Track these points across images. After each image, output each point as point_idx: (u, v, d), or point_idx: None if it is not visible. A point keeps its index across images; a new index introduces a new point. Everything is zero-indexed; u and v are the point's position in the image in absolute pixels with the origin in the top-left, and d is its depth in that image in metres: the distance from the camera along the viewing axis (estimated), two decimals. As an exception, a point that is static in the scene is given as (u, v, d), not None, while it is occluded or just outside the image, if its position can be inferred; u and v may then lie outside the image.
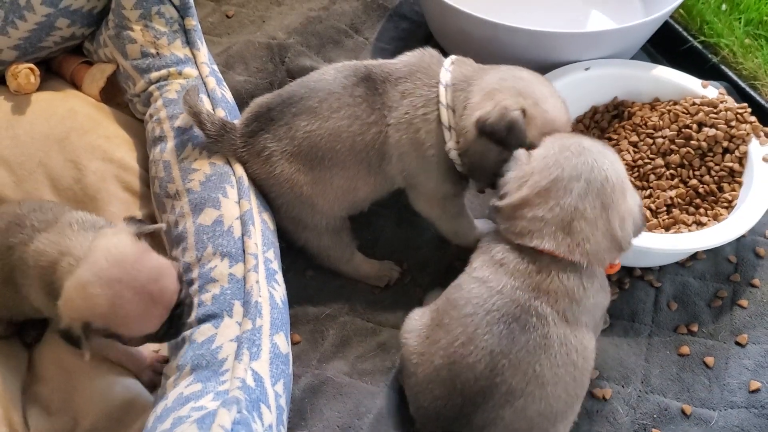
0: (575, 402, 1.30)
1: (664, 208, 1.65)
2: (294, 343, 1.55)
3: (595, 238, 1.26)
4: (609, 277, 1.66)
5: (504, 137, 1.41)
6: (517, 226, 1.29)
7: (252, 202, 1.45)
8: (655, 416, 1.45)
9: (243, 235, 1.39)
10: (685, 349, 1.54)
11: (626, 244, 1.29)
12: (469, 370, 1.24)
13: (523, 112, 1.41)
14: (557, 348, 1.24)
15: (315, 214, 1.57)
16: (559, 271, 1.26)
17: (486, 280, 1.30)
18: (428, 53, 1.56)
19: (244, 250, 1.36)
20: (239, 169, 1.50)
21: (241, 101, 1.91)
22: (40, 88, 1.79)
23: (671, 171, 1.68)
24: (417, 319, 1.40)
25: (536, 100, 1.43)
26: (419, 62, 1.53)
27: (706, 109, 1.72)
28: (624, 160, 1.70)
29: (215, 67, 1.75)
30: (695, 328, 1.58)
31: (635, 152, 1.72)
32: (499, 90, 1.43)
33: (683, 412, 1.45)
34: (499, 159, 1.41)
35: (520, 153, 1.36)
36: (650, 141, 1.72)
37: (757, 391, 1.47)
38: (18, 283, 1.30)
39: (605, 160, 1.29)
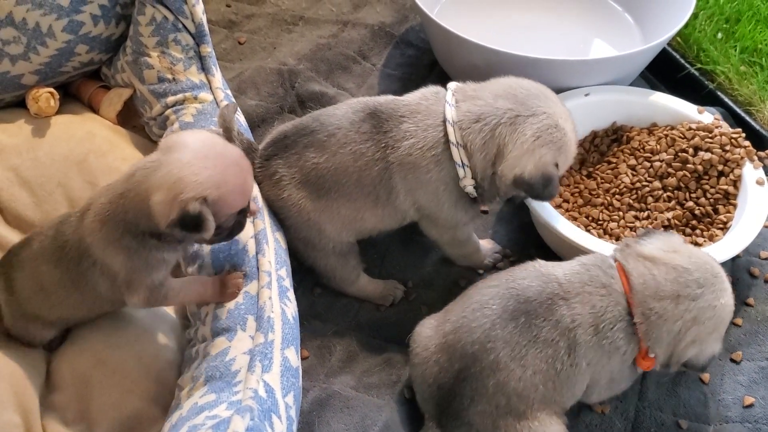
0: (549, 404, 1.35)
1: (662, 230, 1.70)
2: (302, 359, 1.59)
3: (667, 337, 1.31)
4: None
5: (540, 192, 1.48)
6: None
7: (266, 222, 1.50)
8: (652, 430, 1.49)
9: (257, 253, 1.44)
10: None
11: (674, 362, 1.35)
12: (469, 334, 1.33)
13: (557, 165, 1.47)
14: (548, 351, 1.31)
15: (322, 237, 1.61)
16: (609, 304, 1.32)
17: (541, 264, 1.41)
18: (429, 92, 1.57)
19: (258, 268, 1.42)
20: (254, 189, 1.55)
21: (253, 125, 1.98)
22: (59, 112, 1.85)
23: (668, 193, 1.73)
24: (433, 317, 1.49)
25: (566, 145, 1.48)
26: (419, 103, 1.54)
27: (702, 133, 1.77)
28: (623, 182, 1.76)
29: (229, 92, 1.81)
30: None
31: (633, 175, 1.78)
32: (540, 142, 1.44)
33: (679, 426, 1.49)
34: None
35: (677, 240, 1.42)
36: (648, 164, 1.77)
37: (751, 406, 1.51)
38: (88, 274, 1.32)
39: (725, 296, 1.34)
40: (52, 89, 1.83)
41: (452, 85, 1.56)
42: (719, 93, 2.08)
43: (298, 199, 1.55)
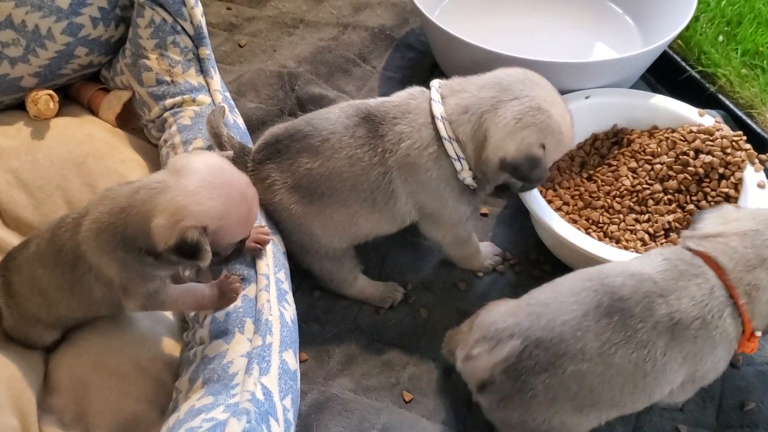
0: (612, 407, 1.33)
1: (662, 232, 1.69)
2: (301, 361, 1.59)
3: (765, 299, 1.31)
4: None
5: (527, 175, 1.48)
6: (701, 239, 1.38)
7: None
8: (652, 435, 1.49)
9: (254, 257, 1.44)
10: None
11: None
12: (558, 314, 1.30)
13: (543, 146, 1.46)
14: (642, 352, 1.28)
15: (314, 242, 1.60)
16: (709, 293, 1.30)
17: (637, 261, 1.39)
18: (416, 90, 1.58)
19: (256, 271, 1.41)
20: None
21: (253, 127, 1.98)
22: (58, 114, 1.86)
23: (669, 196, 1.73)
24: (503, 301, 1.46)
25: (551, 126, 1.47)
26: (408, 102, 1.54)
27: (703, 136, 1.77)
28: (623, 185, 1.76)
29: (228, 94, 1.81)
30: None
31: (634, 178, 1.77)
32: (521, 124, 1.44)
33: (678, 431, 1.49)
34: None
35: (729, 208, 1.44)
36: (649, 167, 1.77)
37: (750, 410, 1.51)
38: (83, 279, 1.33)
39: None
40: (51, 91, 1.83)
41: (435, 82, 1.56)
42: (720, 96, 2.08)
43: (290, 203, 1.54)
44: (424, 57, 2.32)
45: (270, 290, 1.38)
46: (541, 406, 1.30)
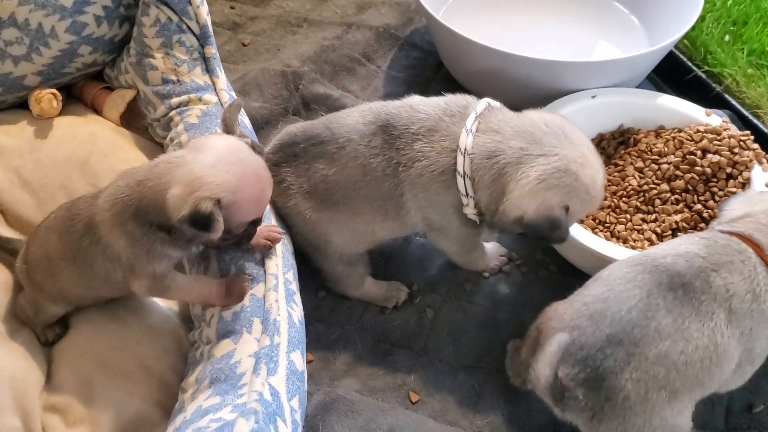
0: (697, 387, 1.30)
1: (670, 232, 1.68)
2: (307, 362, 1.58)
3: None
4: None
5: (546, 235, 1.42)
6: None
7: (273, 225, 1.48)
8: (661, 436, 1.47)
9: (264, 256, 1.43)
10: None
11: None
12: (622, 301, 1.28)
13: (567, 208, 1.40)
14: (709, 324, 1.27)
15: (329, 247, 1.60)
16: (752, 268, 1.32)
17: (675, 243, 1.40)
18: (456, 105, 1.49)
19: (265, 271, 1.40)
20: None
21: (257, 126, 1.97)
22: (61, 113, 1.84)
23: (676, 196, 1.72)
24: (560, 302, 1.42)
25: (577, 189, 1.39)
26: (441, 119, 1.46)
27: (710, 136, 1.76)
28: (630, 185, 1.75)
29: (233, 93, 1.80)
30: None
31: (641, 178, 1.76)
32: (544, 185, 1.36)
33: (688, 432, 1.48)
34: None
35: (751, 192, 1.48)
36: (655, 167, 1.76)
37: (758, 412, 1.50)
38: (88, 251, 1.35)
39: None
40: (54, 90, 1.82)
41: (480, 106, 1.48)
42: (726, 96, 2.07)
43: (305, 209, 1.53)
44: (428, 56, 2.31)
45: (279, 290, 1.37)
46: (636, 407, 1.25)
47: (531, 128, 1.41)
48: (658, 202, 1.72)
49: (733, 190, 1.69)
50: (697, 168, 1.72)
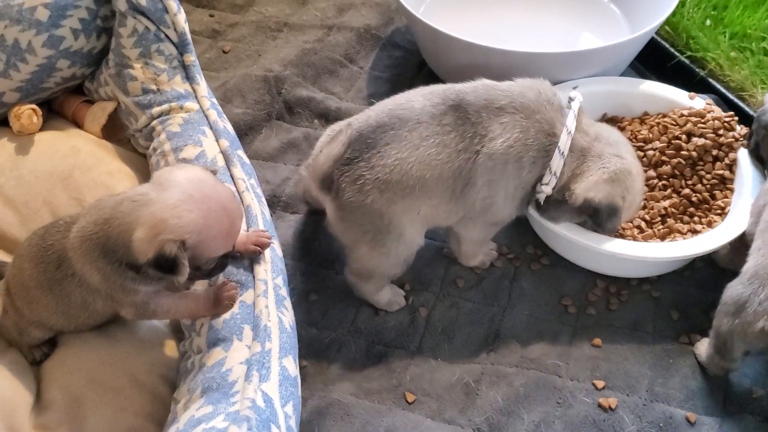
0: None
1: (659, 219, 1.68)
2: (300, 367, 1.56)
3: None
4: (608, 288, 1.69)
5: (603, 221, 1.56)
6: None
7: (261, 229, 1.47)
8: (660, 425, 1.46)
9: (253, 261, 1.41)
10: (689, 358, 1.56)
11: None
12: None
13: (623, 199, 1.56)
14: None
15: (400, 244, 1.57)
16: None
17: None
18: (548, 93, 1.59)
19: (254, 276, 1.39)
20: (246, 198, 1.52)
21: (240, 133, 1.96)
22: (42, 128, 1.82)
23: (664, 182, 1.71)
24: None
25: (632, 192, 1.58)
26: (538, 101, 1.56)
27: (694, 119, 1.75)
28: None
29: (215, 100, 1.79)
30: (697, 337, 1.60)
31: (628, 166, 1.76)
32: (615, 177, 1.55)
33: (688, 420, 1.47)
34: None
35: None
36: (641, 154, 1.75)
37: (759, 398, 1.49)
38: (63, 282, 1.32)
39: None
40: (34, 106, 1.80)
41: (577, 102, 1.61)
42: (711, 80, 2.07)
43: (381, 204, 1.49)
44: (411, 55, 2.31)
45: (268, 296, 1.36)
46: None
47: (606, 134, 1.61)
48: (646, 189, 1.71)
49: (720, 172, 1.69)
50: (683, 152, 1.71)
